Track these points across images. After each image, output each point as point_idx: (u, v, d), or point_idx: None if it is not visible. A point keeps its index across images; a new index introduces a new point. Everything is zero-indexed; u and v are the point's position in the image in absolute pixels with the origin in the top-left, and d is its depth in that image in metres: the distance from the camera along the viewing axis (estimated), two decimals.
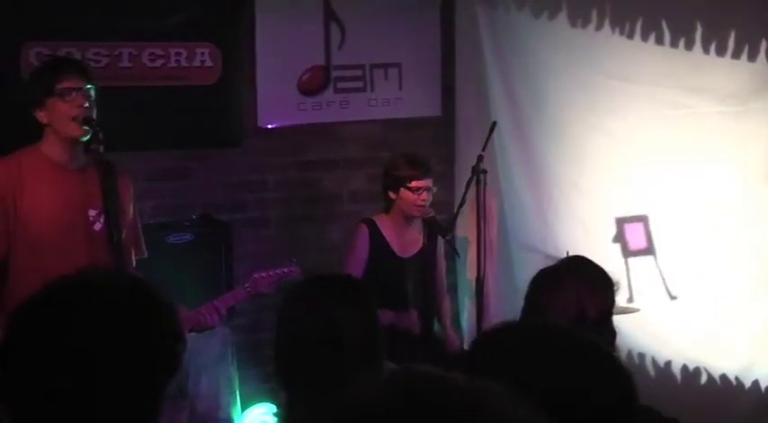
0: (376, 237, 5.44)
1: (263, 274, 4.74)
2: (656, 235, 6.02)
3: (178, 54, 5.82)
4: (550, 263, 3.30)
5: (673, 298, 5.97)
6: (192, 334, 4.52)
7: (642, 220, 6.05)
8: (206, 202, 5.97)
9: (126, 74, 5.68)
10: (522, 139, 6.30)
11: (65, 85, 4.12)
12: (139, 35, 5.69)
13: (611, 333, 3.05)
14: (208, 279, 5.41)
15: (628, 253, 6.06)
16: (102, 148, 4.06)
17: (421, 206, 5.40)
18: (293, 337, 2.72)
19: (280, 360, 2.76)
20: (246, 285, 4.73)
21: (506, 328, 1.89)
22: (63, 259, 3.88)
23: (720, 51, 5.70)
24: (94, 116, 4.14)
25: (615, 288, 3.11)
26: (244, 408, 5.70)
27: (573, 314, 2.94)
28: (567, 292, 3.01)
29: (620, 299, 5.82)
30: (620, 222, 6.08)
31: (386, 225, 5.47)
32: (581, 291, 3.01)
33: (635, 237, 6.07)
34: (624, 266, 6.00)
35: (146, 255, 4.49)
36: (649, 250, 6.04)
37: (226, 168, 6.09)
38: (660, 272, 5.98)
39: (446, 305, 5.81)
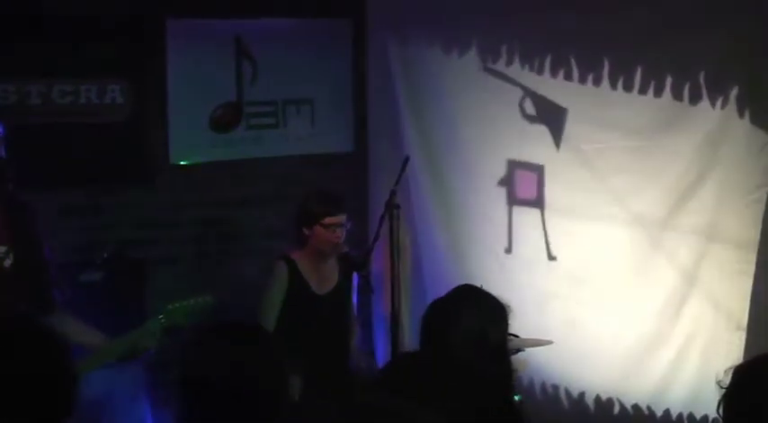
0: (293, 273, 5.40)
1: (177, 305, 4.69)
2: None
3: (88, 90, 5.78)
4: None
5: (552, 258, 6.03)
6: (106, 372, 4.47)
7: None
8: (119, 240, 5.91)
9: (36, 111, 5.60)
10: (435, 175, 6.34)
11: None
12: (50, 72, 5.62)
13: (508, 362, 3.08)
14: (120, 317, 5.27)
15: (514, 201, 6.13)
16: (11, 186, 4.00)
17: (335, 243, 5.38)
18: (197, 383, 2.65)
19: (184, 404, 2.68)
20: (161, 317, 4.68)
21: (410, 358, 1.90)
22: None
23: (627, 87, 5.78)
24: (3, 154, 4.07)
25: (508, 312, 3.13)
26: None
27: (474, 341, 2.96)
28: (467, 319, 3.02)
29: (499, 248, 6.14)
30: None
31: (302, 262, 5.43)
32: (481, 318, 3.03)
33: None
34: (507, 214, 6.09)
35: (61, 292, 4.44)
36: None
37: (138, 205, 6.05)
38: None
39: (355, 330, 5.77)
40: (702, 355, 5.65)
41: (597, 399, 6.00)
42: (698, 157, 5.68)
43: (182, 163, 6.17)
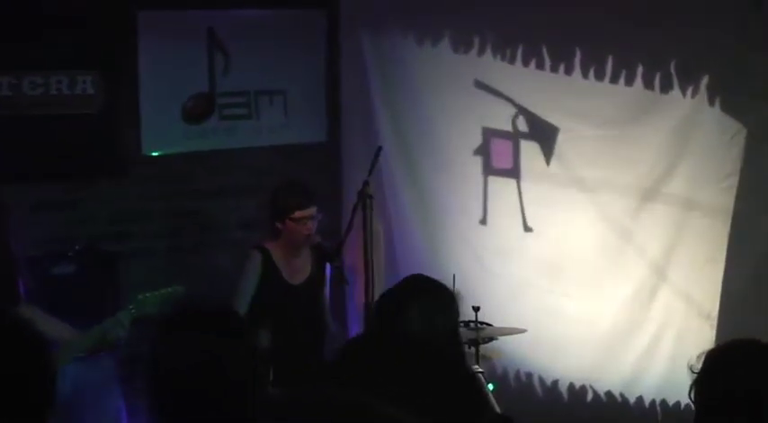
0: (267, 263, 5.43)
1: (148, 295, 4.70)
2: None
3: (59, 82, 5.74)
4: None
5: (528, 229, 6.04)
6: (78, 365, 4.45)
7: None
8: (92, 233, 5.87)
9: (6, 103, 5.56)
10: (408, 165, 6.35)
11: None
12: (20, 63, 5.58)
13: (461, 350, 3.12)
14: (93, 311, 5.25)
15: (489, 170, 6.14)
16: None
17: (307, 235, 5.39)
18: (169, 370, 2.60)
19: (154, 395, 2.61)
20: (131, 307, 4.67)
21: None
22: None
23: (599, 76, 5.80)
24: None
25: (458, 299, 3.15)
26: None
27: (423, 329, 2.97)
28: (416, 309, 3.04)
29: (474, 219, 6.12)
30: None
31: (276, 252, 5.45)
32: (429, 307, 3.05)
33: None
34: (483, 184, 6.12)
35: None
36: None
37: (111, 198, 6.01)
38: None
39: (329, 321, 5.77)
40: (675, 342, 5.69)
41: (571, 386, 6.04)
42: (669, 146, 5.71)
43: (154, 154, 6.14)
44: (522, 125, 6.10)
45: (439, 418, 1.76)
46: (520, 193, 6.13)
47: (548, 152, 6.03)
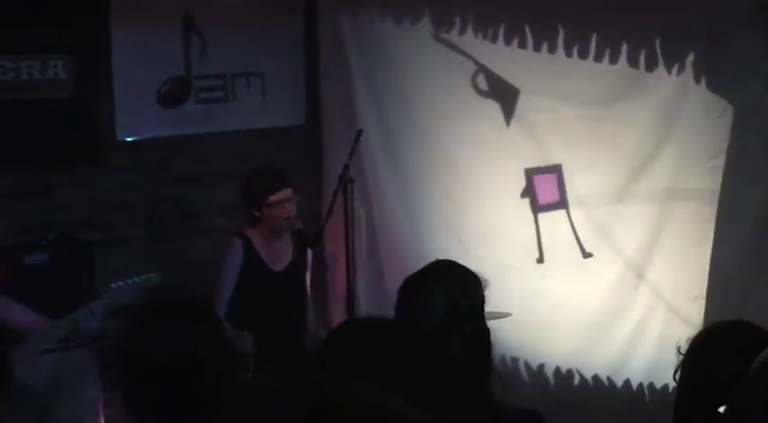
0: (249, 251, 5.38)
1: (121, 284, 4.65)
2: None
3: (30, 67, 5.65)
4: (419, 265, 3.28)
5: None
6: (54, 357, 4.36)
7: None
8: (67, 220, 5.79)
9: None
10: (389, 148, 6.28)
11: None
12: None
13: (486, 330, 3.04)
14: (66, 301, 5.14)
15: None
16: None
17: (287, 219, 5.33)
18: (145, 361, 2.62)
19: (130, 386, 2.65)
20: (104, 297, 4.63)
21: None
22: None
23: (583, 55, 5.76)
24: None
25: (484, 284, 3.12)
26: None
27: (445, 311, 2.95)
28: (437, 291, 3.01)
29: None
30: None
31: (257, 239, 5.40)
32: (450, 288, 3.01)
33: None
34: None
35: None
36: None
37: (86, 185, 5.93)
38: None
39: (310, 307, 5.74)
40: (662, 324, 5.68)
41: (557, 371, 6.01)
42: (654, 125, 5.69)
43: (129, 139, 6.06)
44: (483, 84, 6.03)
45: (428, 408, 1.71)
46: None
47: (508, 112, 5.97)
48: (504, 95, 5.99)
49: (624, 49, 5.66)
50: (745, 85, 5.42)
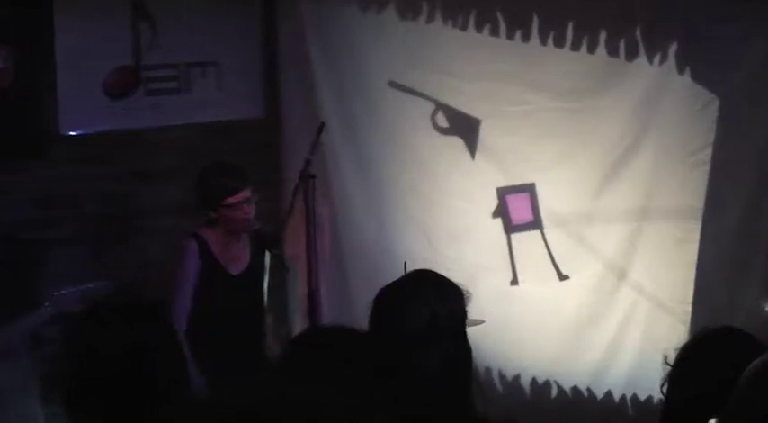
0: (204, 253, 5.22)
1: (65, 292, 4.62)
2: None
3: None
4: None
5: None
6: None
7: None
8: (8, 219, 5.65)
9: None
10: (353, 142, 6.15)
11: None
12: None
13: (467, 348, 2.98)
14: (7, 305, 5.06)
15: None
16: None
17: (245, 219, 5.16)
18: (91, 365, 2.55)
19: (73, 393, 2.55)
20: (47, 305, 4.61)
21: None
22: None
23: (559, 43, 5.71)
24: None
25: (465, 296, 3.04)
26: None
27: (424, 323, 2.91)
28: (417, 302, 2.96)
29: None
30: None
31: (212, 240, 5.23)
32: (430, 299, 2.96)
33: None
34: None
35: None
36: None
37: (27, 182, 5.77)
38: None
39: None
40: (644, 332, 5.65)
41: (533, 381, 5.91)
42: (635, 117, 5.70)
43: (73, 134, 5.89)
44: (443, 121, 5.96)
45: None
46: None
47: (472, 148, 5.94)
48: (466, 130, 5.93)
49: (603, 36, 5.61)
50: (731, 75, 5.41)
